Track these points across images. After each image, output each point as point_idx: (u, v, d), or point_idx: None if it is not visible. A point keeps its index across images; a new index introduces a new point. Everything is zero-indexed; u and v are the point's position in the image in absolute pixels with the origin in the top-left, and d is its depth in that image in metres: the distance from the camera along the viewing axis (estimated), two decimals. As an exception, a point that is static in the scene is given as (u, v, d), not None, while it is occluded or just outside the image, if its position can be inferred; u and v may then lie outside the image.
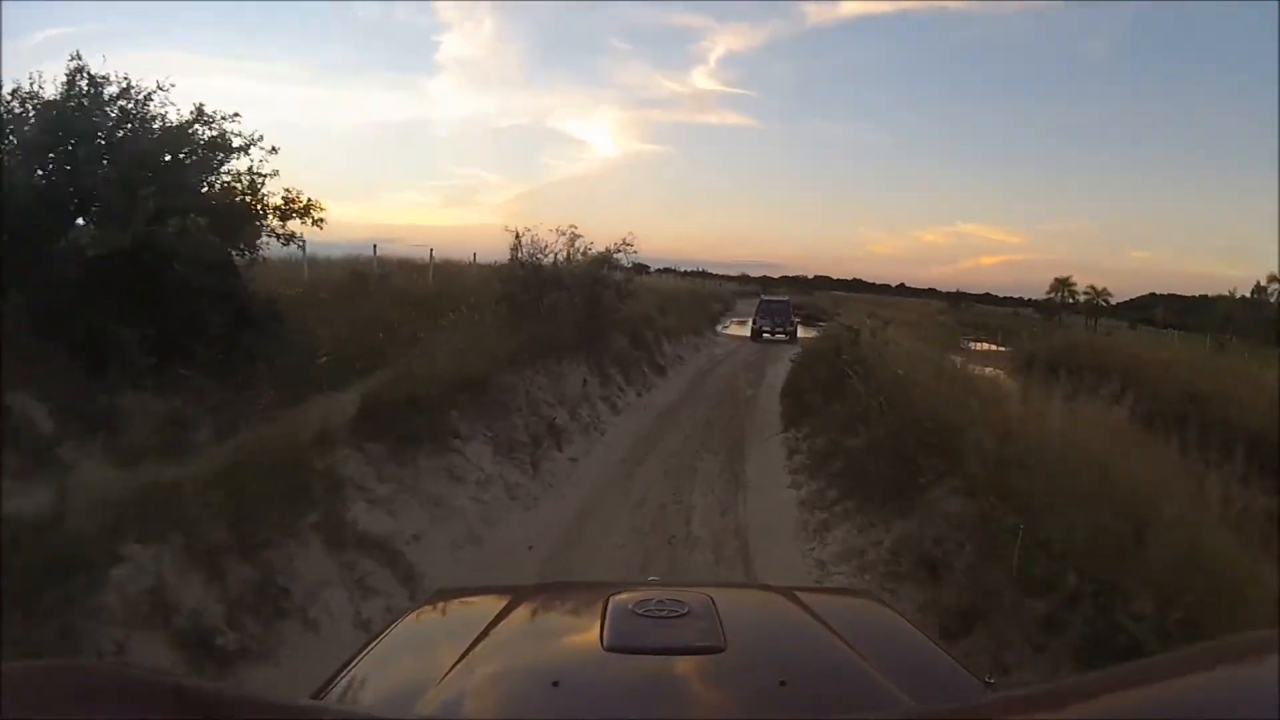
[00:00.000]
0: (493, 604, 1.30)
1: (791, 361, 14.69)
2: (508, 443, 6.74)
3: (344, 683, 1.07)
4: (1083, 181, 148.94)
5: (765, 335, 19.46)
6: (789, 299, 23.14)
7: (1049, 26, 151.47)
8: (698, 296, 26.81)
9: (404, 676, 1.12)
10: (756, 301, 28.16)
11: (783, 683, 0.96)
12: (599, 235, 11.97)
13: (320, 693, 1.04)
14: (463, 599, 1.57)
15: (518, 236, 11.60)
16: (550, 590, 1.67)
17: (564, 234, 11.77)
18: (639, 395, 10.65)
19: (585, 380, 9.36)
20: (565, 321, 10.49)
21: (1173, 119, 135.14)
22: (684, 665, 1.00)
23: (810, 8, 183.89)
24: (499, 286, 11.36)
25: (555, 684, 0.94)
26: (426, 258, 13.43)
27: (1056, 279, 41.39)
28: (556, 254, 11.74)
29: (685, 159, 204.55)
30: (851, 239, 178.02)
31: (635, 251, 11.70)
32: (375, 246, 12.97)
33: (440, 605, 1.46)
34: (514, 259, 11.68)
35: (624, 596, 1.18)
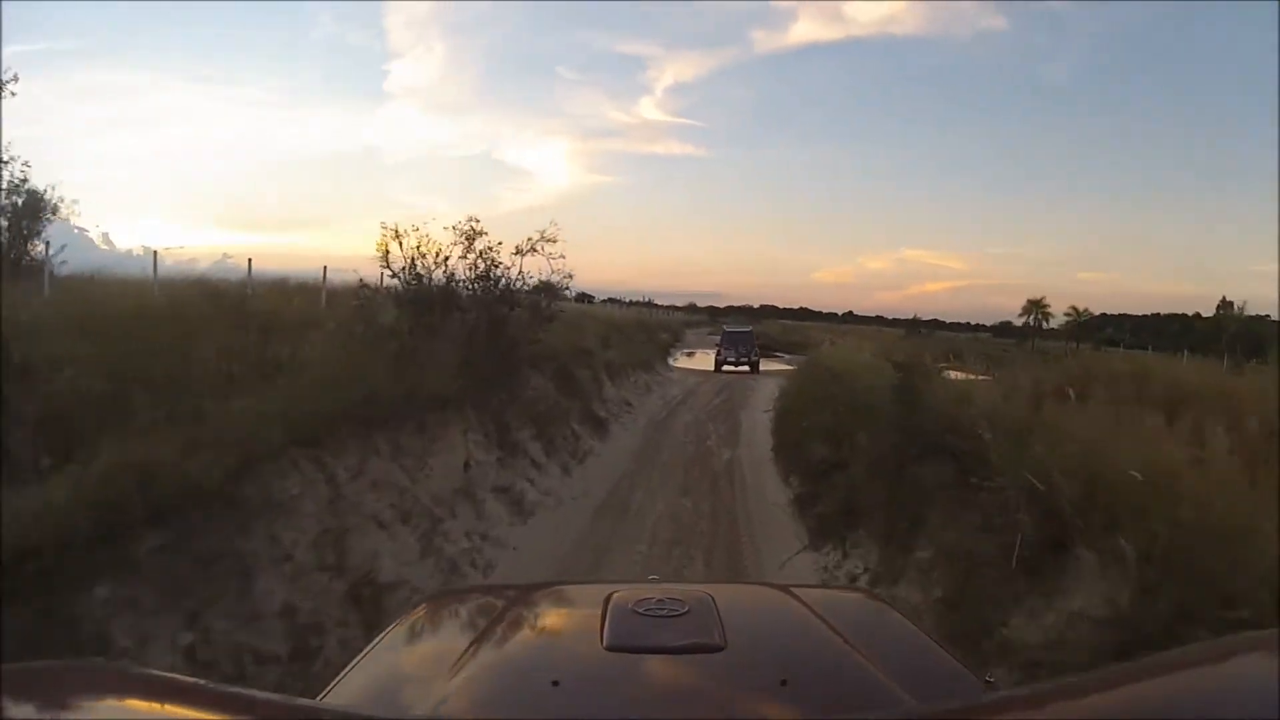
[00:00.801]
0: (493, 604, 1.30)
1: (773, 408, 11.28)
2: (229, 651, 2.82)
3: (344, 683, 1.04)
4: (1029, 206, 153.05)
5: (729, 365, 17.83)
6: (752, 329, 21.54)
7: (1000, 56, 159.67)
8: (646, 326, 24.26)
9: (404, 676, 1.09)
10: (705, 331, 28.01)
11: (783, 682, 0.93)
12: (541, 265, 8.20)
13: (320, 693, 1.02)
14: (463, 599, 1.55)
15: (397, 236, 7.84)
16: (550, 590, 1.52)
17: (460, 233, 7.97)
18: (565, 473, 6.83)
19: (469, 461, 5.51)
20: (448, 358, 6.67)
21: (1122, 144, 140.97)
22: (684, 665, 0.98)
23: (759, 35, 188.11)
24: (356, 308, 7.59)
25: (555, 684, 0.92)
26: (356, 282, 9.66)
27: (1029, 300, 39.45)
28: (447, 259, 7.96)
29: (632, 189, 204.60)
30: (797, 267, 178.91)
31: (562, 256, 7.96)
32: (250, 261, 8.98)
33: (440, 605, 1.45)
34: (389, 268, 7.96)
35: (624, 596, 1.15)
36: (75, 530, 2.93)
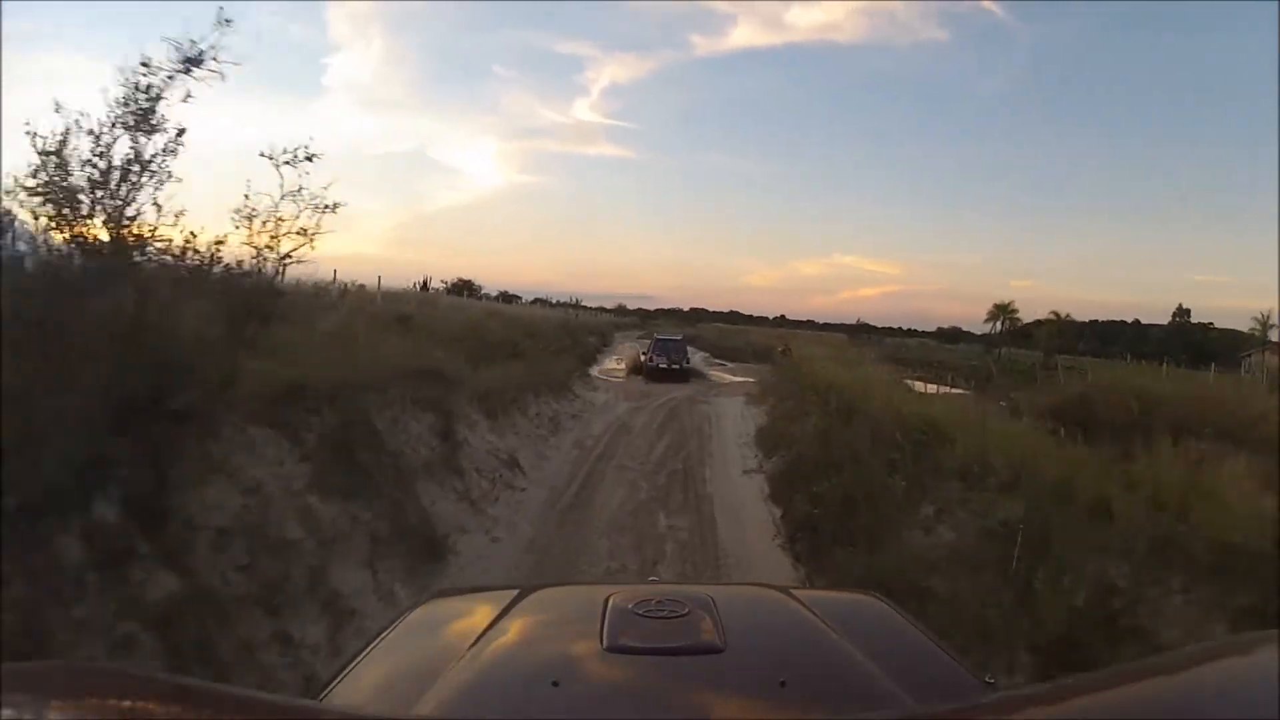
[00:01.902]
0: (493, 604, 1.26)
1: (760, 466, 7.04)
2: None
3: (344, 683, 1.04)
4: (964, 214, 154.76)
5: (662, 368, 17.75)
6: (683, 336, 22.02)
7: (939, 66, 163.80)
8: (570, 328, 21.50)
9: (404, 676, 1.07)
10: (636, 335, 31.34)
11: (783, 683, 0.92)
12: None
13: (320, 693, 1.02)
14: (463, 599, 1.52)
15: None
16: (550, 591, 1.50)
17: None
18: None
19: None
20: None
21: (1059, 154, 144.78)
22: (684, 665, 0.97)
23: (698, 39, 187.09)
24: None
25: (555, 684, 0.91)
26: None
27: (995, 305, 37.11)
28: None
29: (564, 190, 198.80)
30: (729, 270, 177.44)
31: (308, 160, 3.34)
32: None
33: (440, 605, 1.44)
34: None
35: (624, 596, 1.15)
36: None
